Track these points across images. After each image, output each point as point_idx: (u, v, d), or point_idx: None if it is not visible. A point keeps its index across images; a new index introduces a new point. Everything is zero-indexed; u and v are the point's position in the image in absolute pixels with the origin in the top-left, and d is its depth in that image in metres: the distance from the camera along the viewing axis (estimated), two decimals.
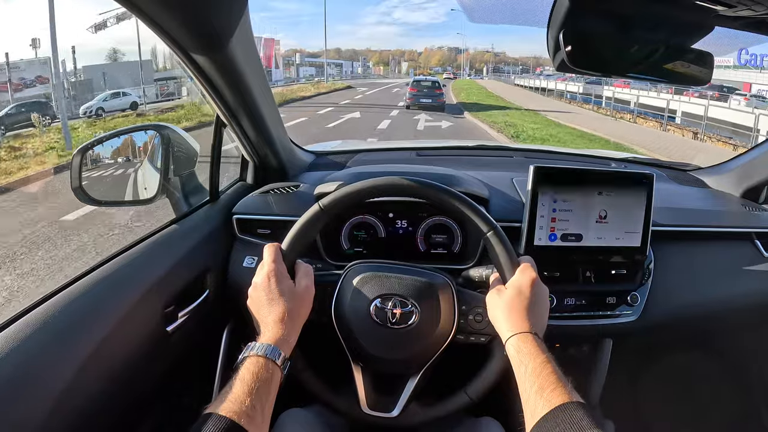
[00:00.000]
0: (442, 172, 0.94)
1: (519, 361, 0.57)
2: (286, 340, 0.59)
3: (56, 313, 0.60)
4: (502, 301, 0.63)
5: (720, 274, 0.95)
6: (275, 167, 1.00)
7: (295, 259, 0.67)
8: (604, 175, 0.85)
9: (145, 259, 0.77)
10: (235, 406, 0.50)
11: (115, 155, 0.96)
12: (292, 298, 0.62)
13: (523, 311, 0.61)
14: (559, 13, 0.69)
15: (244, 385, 0.52)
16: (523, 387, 0.56)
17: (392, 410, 0.69)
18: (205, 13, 0.59)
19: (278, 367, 0.56)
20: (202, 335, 0.88)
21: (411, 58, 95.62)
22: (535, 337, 0.59)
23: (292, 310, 0.61)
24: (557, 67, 0.78)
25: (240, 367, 0.55)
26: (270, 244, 0.65)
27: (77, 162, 0.85)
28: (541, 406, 0.52)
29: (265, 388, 0.54)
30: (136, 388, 0.73)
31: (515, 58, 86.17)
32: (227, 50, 0.67)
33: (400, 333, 0.67)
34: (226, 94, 0.77)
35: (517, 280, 0.64)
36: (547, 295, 0.66)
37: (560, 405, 0.51)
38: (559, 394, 0.52)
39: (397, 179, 0.69)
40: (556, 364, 0.56)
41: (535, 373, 0.55)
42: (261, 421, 0.51)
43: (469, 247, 0.92)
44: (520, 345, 0.59)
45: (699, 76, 0.75)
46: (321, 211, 0.68)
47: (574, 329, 0.88)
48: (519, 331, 0.60)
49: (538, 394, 0.53)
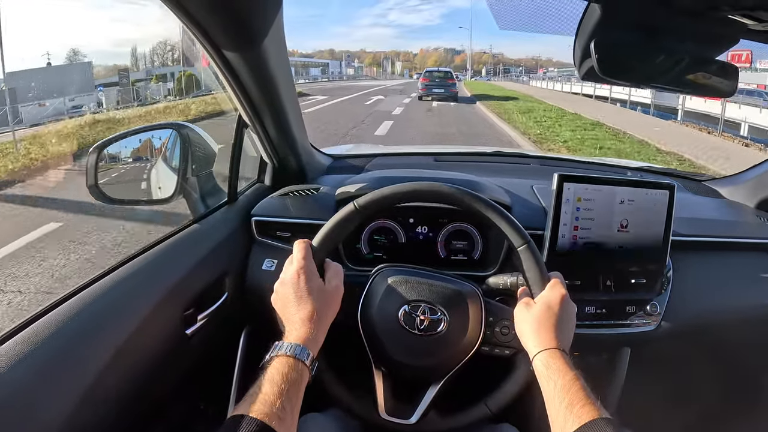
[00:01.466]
0: (467, 178, 0.94)
1: (548, 377, 0.57)
2: (315, 340, 0.58)
3: (76, 314, 0.59)
4: (531, 316, 0.63)
5: (737, 285, 0.95)
6: (294, 169, 0.99)
7: (325, 258, 0.66)
8: (627, 184, 0.86)
9: (164, 260, 0.76)
10: (265, 407, 0.49)
11: (132, 154, 0.95)
12: (321, 297, 0.61)
13: (552, 328, 0.61)
14: (589, 23, 0.70)
15: (273, 386, 0.51)
16: (552, 403, 0.55)
17: (410, 417, 0.68)
18: (245, 11, 0.59)
19: (307, 367, 0.55)
20: (220, 339, 0.87)
21: (406, 59, 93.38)
22: (563, 354, 0.59)
23: (321, 310, 0.60)
24: (583, 76, 0.79)
25: (268, 367, 0.54)
26: (300, 240, 0.64)
27: (93, 159, 0.83)
28: (571, 422, 0.52)
29: (295, 389, 0.53)
30: (154, 391, 0.72)
31: (513, 59, 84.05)
32: (261, 49, 0.67)
33: (426, 340, 0.67)
34: (253, 93, 0.77)
35: (546, 295, 0.64)
36: (575, 312, 0.66)
37: (590, 421, 0.51)
38: (588, 410, 0.52)
39: (436, 185, 0.68)
40: (584, 380, 0.56)
41: (565, 389, 0.55)
42: (291, 423, 0.50)
43: (489, 254, 0.91)
44: (549, 361, 0.58)
45: (721, 87, 0.76)
46: (356, 210, 0.67)
47: (594, 337, 0.88)
48: (548, 347, 0.60)
49: (568, 410, 0.53)
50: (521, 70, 73.38)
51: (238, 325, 0.93)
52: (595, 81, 0.79)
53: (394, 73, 69.34)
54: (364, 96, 17.73)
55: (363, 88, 24.19)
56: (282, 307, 0.62)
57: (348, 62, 75.31)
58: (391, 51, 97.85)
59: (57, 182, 4.14)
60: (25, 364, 0.51)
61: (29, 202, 3.76)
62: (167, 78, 13.82)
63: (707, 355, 1.03)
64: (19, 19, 10.97)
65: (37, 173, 4.17)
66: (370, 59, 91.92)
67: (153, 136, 0.96)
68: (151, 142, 0.98)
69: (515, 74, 61.28)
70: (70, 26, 19.70)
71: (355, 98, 16.47)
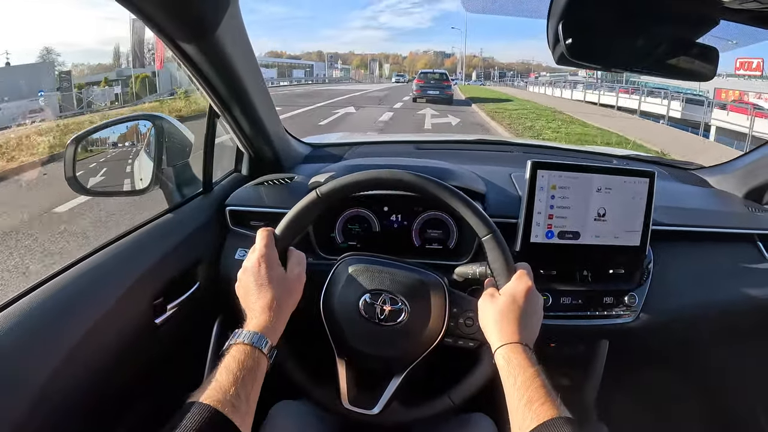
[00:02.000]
0: (439, 166, 0.92)
1: (508, 373, 0.56)
2: (274, 328, 0.58)
3: (39, 305, 0.59)
4: (495, 308, 0.62)
5: (721, 276, 0.93)
6: (270, 159, 0.99)
7: (288, 246, 0.66)
8: (604, 171, 0.84)
9: (135, 249, 0.76)
10: (219, 394, 0.49)
11: (109, 145, 0.96)
12: (281, 285, 0.61)
13: (515, 321, 0.60)
14: (559, 3, 0.67)
15: (228, 374, 0.51)
16: (512, 399, 0.54)
17: (373, 407, 0.68)
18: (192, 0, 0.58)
19: (264, 355, 0.55)
20: (191, 328, 0.87)
21: (396, 62, 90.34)
22: (526, 349, 0.58)
23: (281, 298, 0.60)
24: (557, 60, 0.77)
25: (225, 355, 0.54)
26: (263, 228, 0.64)
27: (71, 152, 0.84)
28: (529, 420, 0.51)
29: (251, 376, 0.52)
30: (122, 382, 0.72)
31: (504, 63, 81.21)
32: (214, 38, 0.66)
33: (387, 330, 0.66)
34: (217, 83, 0.76)
35: (511, 287, 0.63)
36: (541, 305, 0.64)
37: (549, 420, 0.50)
38: (548, 408, 0.51)
39: (397, 172, 0.67)
40: (546, 377, 0.55)
41: (525, 386, 0.54)
42: (245, 411, 0.50)
43: (464, 243, 0.90)
44: (510, 356, 0.57)
45: (702, 71, 0.73)
46: (318, 198, 0.67)
47: (570, 329, 0.86)
48: (509, 341, 0.58)
49: (527, 408, 0.52)
50: (513, 74, 69.72)
51: (210, 314, 0.94)
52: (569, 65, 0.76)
53: (382, 76, 65.12)
54: (329, 107, 12.82)
55: (339, 93, 18.85)
56: (243, 295, 0.61)
57: (331, 63, 68.74)
58: (380, 53, 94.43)
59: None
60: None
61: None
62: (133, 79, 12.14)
63: (688, 348, 1.00)
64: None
65: None
66: (357, 61, 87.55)
67: (129, 127, 0.97)
68: (127, 133, 0.98)
69: (509, 78, 58.78)
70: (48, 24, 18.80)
71: (316, 111, 11.71)
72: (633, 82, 17.25)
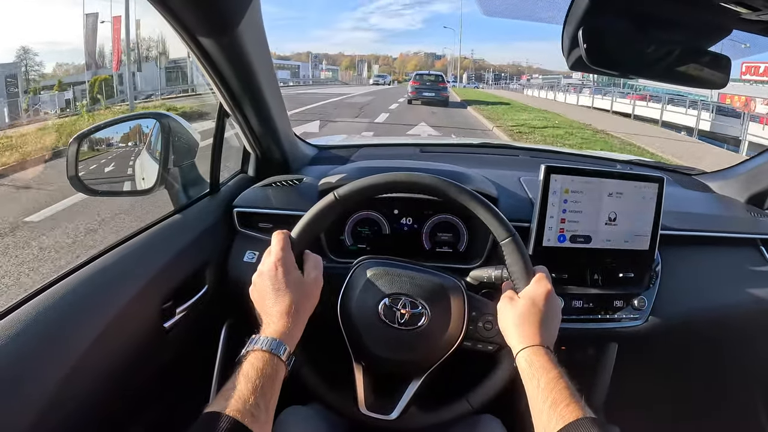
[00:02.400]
0: (453, 169, 0.92)
1: (531, 375, 0.56)
2: (291, 334, 0.57)
3: (47, 309, 0.57)
4: (515, 311, 0.61)
5: (725, 280, 0.94)
6: (278, 160, 0.97)
7: (305, 249, 0.65)
8: (616, 177, 0.84)
9: (143, 251, 0.74)
10: (238, 404, 0.47)
11: (112, 144, 0.93)
12: (299, 289, 0.59)
13: (536, 324, 0.60)
14: (577, 10, 0.68)
15: (247, 382, 0.50)
16: (535, 401, 0.54)
17: (391, 413, 0.67)
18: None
19: (283, 362, 0.54)
20: (200, 332, 0.85)
21: (385, 63, 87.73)
22: (547, 351, 0.58)
23: (299, 303, 0.59)
24: (571, 66, 0.77)
25: (243, 362, 0.53)
26: (279, 231, 0.62)
27: (74, 150, 0.81)
28: (555, 422, 0.51)
29: (270, 384, 0.51)
30: (131, 387, 0.70)
31: (495, 65, 79.50)
32: (235, 34, 0.65)
33: (407, 334, 0.65)
34: (232, 81, 0.74)
35: (531, 290, 0.63)
36: (560, 308, 0.64)
37: (574, 421, 0.50)
38: (573, 409, 0.51)
39: (416, 175, 0.67)
40: (569, 378, 0.55)
41: (548, 388, 0.53)
42: (265, 420, 0.49)
43: (475, 246, 0.90)
44: (533, 358, 0.57)
45: (713, 79, 0.74)
46: (336, 200, 0.65)
47: (580, 332, 0.87)
48: (531, 344, 0.58)
49: (552, 410, 0.52)
50: (506, 76, 68.41)
51: (219, 318, 0.92)
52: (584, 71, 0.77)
53: (370, 77, 59.01)
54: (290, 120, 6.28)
55: (316, 98, 15.82)
56: (259, 300, 0.60)
57: (315, 64, 65.06)
58: (370, 54, 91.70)
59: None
60: (2, 355, 0.50)
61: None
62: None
63: (695, 351, 1.02)
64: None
65: None
66: (347, 62, 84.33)
67: (133, 126, 0.94)
68: (131, 132, 0.96)
69: (504, 81, 57.42)
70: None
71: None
72: (631, 87, 16.71)
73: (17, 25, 15.75)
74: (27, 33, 16.09)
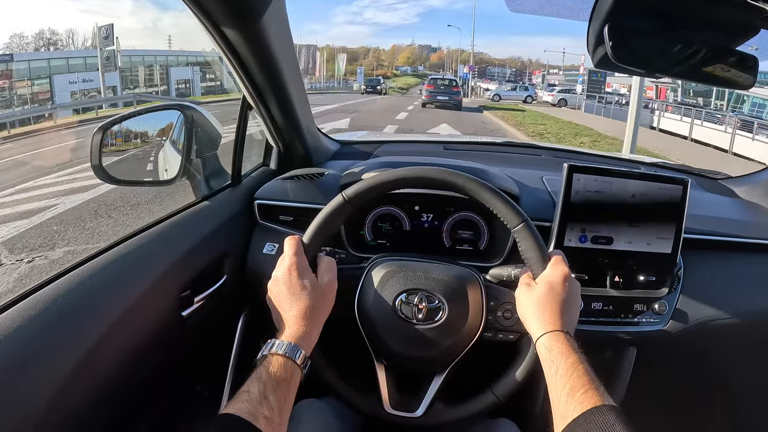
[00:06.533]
0: (473, 166, 0.92)
1: (550, 361, 0.55)
2: (308, 337, 0.57)
3: (68, 291, 0.58)
4: (533, 297, 0.60)
5: (749, 287, 0.92)
6: (300, 153, 0.98)
7: (317, 253, 0.64)
8: (640, 177, 0.83)
9: (164, 239, 0.75)
10: (252, 407, 0.48)
11: (136, 134, 0.95)
12: (314, 292, 0.59)
13: (556, 308, 0.59)
14: (603, 7, 0.68)
15: (261, 385, 0.50)
16: (554, 388, 0.53)
17: (416, 410, 0.66)
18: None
19: (298, 366, 0.54)
20: (217, 322, 0.85)
21: (376, 56, 77.20)
22: (567, 336, 0.57)
23: (315, 306, 0.59)
24: (596, 64, 0.77)
25: (259, 366, 0.53)
26: (291, 236, 0.63)
27: (98, 140, 0.83)
28: (572, 409, 0.50)
29: (284, 388, 0.52)
30: (147, 374, 0.70)
31: (497, 59, 67.48)
32: (260, 25, 0.65)
33: (426, 330, 0.65)
34: (256, 72, 0.75)
35: (548, 275, 0.62)
36: (579, 291, 0.63)
37: (592, 408, 0.49)
38: (591, 396, 0.50)
39: (423, 169, 0.66)
40: (589, 364, 0.54)
41: (567, 374, 0.53)
42: (279, 423, 0.49)
43: (495, 245, 0.89)
44: (551, 344, 0.56)
45: (739, 80, 0.73)
46: (344, 202, 0.65)
47: (599, 335, 0.85)
48: (550, 329, 0.57)
49: (570, 396, 0.51)
50: (512, 73, 47.29)
51: (236, 308, 0.92)
52: (609, 69, 0.77)
53: (338, 77, 41.23)
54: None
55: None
56: (276, 305, 0.60)
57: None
58: (360, 47, 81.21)
59: None
60: (10, 343, 0.50)
61: None
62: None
63: (715, 358, 0.99)
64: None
65: None
66: (328, 55, 69.01)
67: (158, 117, 0.96)
68: (155, 122, 0.97)
69: (522, 82, 32.68)
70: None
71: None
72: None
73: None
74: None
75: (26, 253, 2.54)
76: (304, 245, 0.63)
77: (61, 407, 0.52)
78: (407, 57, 77.84)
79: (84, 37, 15.20)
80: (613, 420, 0.47)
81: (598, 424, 0.47)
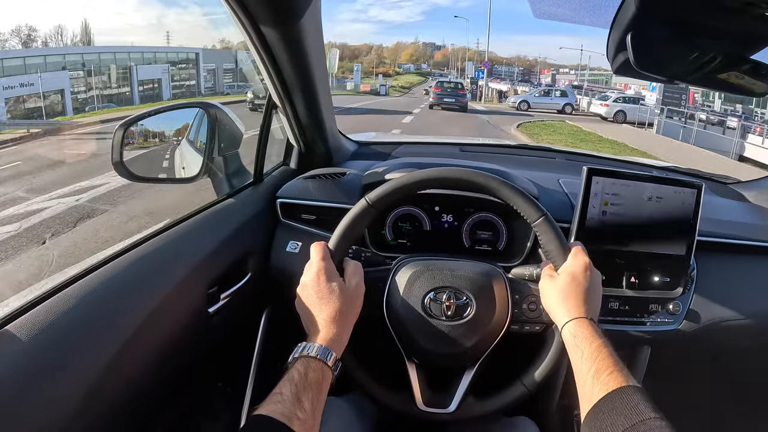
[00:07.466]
0: (493, 167, 0.94)
1: (575, 346, 0.57)
2: (338, 339, 0.58)
3: (98, 287, 0.58)
4: (557, 287, 0.63)
5: (762, 289, 0.94)
6: (321, 153, 0.99)
7: (343, 257, 0.66)
8: (656, 181, 0.86)
9: (192, 236, 0.76)
10: (285, 408, 0.49)
11: (158, 132, 0.95)
12: (343, 296, 0.61)
13: (579, 297, 0.61)
14: (625, 15, 0.70)
15: (294, 387, 0.51)
16: (579, 371, 0.55)
17: (449, 406, 0.68)
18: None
19: (329, 368, 0.55)
20: (241, 318, 0.86)
21: (378, 53, 74.98)
22: (591, 322, 0.59)
23: (344, 309, 0.60)
24: (616, 70, 0.79)
25: (290, 368, 0.54)
26: (317, 242, 0.64)
27: (119, 137, 0.83)
28: (597, 390, 0.51)
29: (317, 390, 0.53)
30: (173, 371, 0.71)
31: (504, 58, 62.31)
32: (298, 25, 0.67)
33: (455, 326, 0.66)
34: (287, 72, 0.76)
35: (570, 265, 0.64)
36: (600, 279, 0.65)
37: (617, 389, 0.50)
38: (615, 377, 0.51)
39: (444, 170, 0.68)
40: (613, 348, 0.55)
41: (592, 358, 0.54)
42: (312, 425, 0.50)
43: (514, 245, 0.91)
44: (576, 330, 0.58)
45: (753, 88, 0.75)
46: (368, 206, 0.66)
47: (615, 334, 0.86)
48: (575, 316, 0.60)
49: (595, 378, 0.52)
50: (519, 72, 45.47)
51: (260, 305, 0.93)
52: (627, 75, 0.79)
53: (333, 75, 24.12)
54: None
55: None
56: (305, 310, 0.61)
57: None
58: (363, 45, 78.56)
59: None
60: (49, 333, 0.50)
61: None
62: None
63: (727, 359, 1.01)
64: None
65: None
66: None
67: (180, 114, 0.96)
68: (176, 121, 0.98)
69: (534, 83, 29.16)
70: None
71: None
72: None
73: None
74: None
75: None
76: (330, 251, 0.64)
77: (91, 402, 0.52)
78: (411, 54, 75.75)
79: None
80: (637, 399, 0.49)
81: (623, 403, 0.49)
